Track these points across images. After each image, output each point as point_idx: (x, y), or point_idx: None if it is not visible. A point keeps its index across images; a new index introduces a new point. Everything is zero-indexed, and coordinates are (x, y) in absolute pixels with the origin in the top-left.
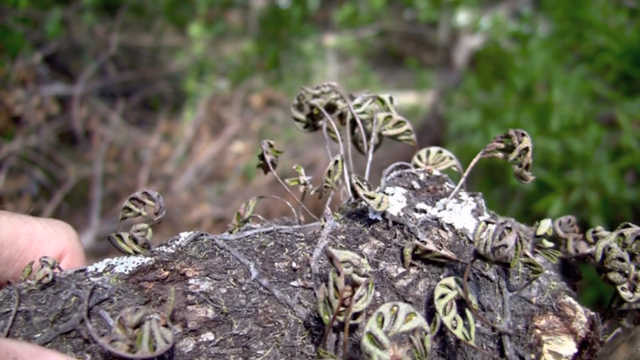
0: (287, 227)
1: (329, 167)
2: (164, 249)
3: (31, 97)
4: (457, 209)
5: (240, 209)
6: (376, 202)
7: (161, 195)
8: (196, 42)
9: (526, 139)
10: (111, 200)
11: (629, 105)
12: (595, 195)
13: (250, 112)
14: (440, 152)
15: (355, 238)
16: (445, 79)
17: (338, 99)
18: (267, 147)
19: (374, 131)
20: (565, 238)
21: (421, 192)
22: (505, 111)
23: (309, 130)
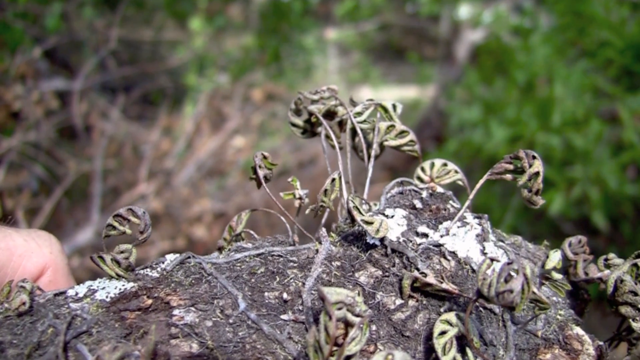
0: (279, 248)
1: (325, 186)
2: (149, 272)
3: (31, 92)
4: (461, 233)
5: (233, 222)
6: (374, 227)
7: (146, 211)
8: (196, 36)
9: (537, 163)
10: (112, 195)
11: (631, 100)
12: (597, 191)
13: (250, 106)
14: (445, 165)
15: (351, 264)
16: (446, 73)
17: (338, 105)
18: (260, 160)
19: (375, 141)
20: (575, 260)
21: (423, 212)
22: (506, 106)
23: (307, 136)
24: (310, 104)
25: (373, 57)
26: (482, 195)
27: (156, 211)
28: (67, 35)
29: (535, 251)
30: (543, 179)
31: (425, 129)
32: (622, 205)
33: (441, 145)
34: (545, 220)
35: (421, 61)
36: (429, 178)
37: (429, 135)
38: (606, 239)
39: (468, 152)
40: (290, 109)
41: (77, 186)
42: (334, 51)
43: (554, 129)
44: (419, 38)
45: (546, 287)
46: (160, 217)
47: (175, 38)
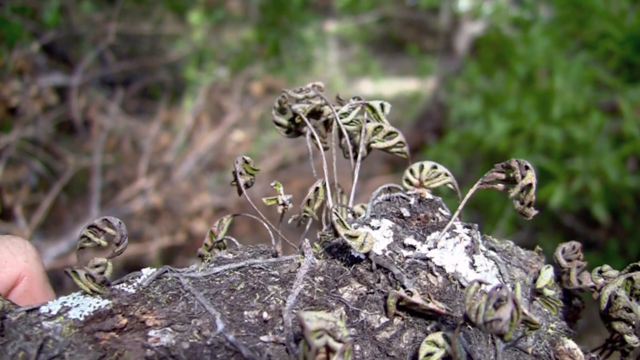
0: (260, 260)
1: (308, 196)
2: (124, 288)
3: (28, 87)
4: (449, 246)
5: (214, 227)
6: (359, 242)
7: (122, 222)
8: (196, 30)
9: (530, 174)
10: (111, 190)
11: (631, 92)
12: (597, 183)
13: (250, 100)
14: (435, 168)
15: (335, 279)
16: (446, 65)
17: (323, 105)
18: (241, 166)
19: (362, 143)
20: (569, 268)
21: (411, 220)
22: (506, 98)
23: (291, 135)
24: (294, 103)
25: (373, 50)
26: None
27: (156, 206)
28: (65, 30)
29: (527, 258)
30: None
31: (425, 122)
32: (622, 198)
33: (441, 138)
34: (546, 212)
35: (421, 53)
36: (418, 181)
37: (429, 128)
38: (607, 231)
39: (468, 145)
40: (274, 108)
41: (76, 181)
42: (333, 44)
43: (554, 122)
44: (419, 30)
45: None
46: (160, 212)
47: (175, 32)
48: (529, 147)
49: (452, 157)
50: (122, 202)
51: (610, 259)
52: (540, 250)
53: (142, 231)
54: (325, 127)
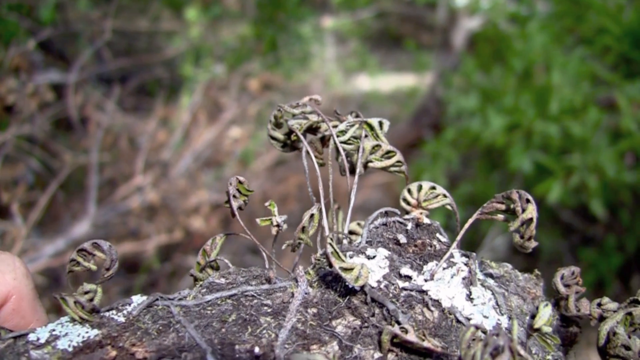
0: (253, 287)
1: (303, 223)
2: (114, 316)
3: (25, 85)
4: (446, 277)
5: (207, 246)
6: (354, 275)
7: (113, 246)
8: (192, 26)
9: (531, 207)
10: (108, 187)
11: (629, 87)
12: (595, 179)
13: (247, 96)
14: (434, 189)
15: (328, 311)
16: (443, 60)
17: (320, 121)
18: (235, 188)
19: (359, 162)
20: (567, 294)
21: (408, 247)
22: (504, 94)
23: (287, 150)
24: (291, 118)
25: (370, 45)
26: (481, 184)
27: (153, 203)
28: (62, 27)
29: (525, 284)
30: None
31: (422, 117)
32: (620, 193)
33: (439, 133)
34: (544, 208)
35: (419, 48)
36: (416, 201)
37: (426, 123)
38: (604, 226)
39: (466, 140)
40: (270, 122)
41: (74, 178)
42: (331, 40)
43: (551, 117)
44: (417, 26)
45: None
46: (157, 209)
47: (172, 28)
48: (526, 143)
49: (450, 153)
50: (119, 200)
51: (608, 255)
52: (538, 274)
53: (140, 228)
54: (322, 143)
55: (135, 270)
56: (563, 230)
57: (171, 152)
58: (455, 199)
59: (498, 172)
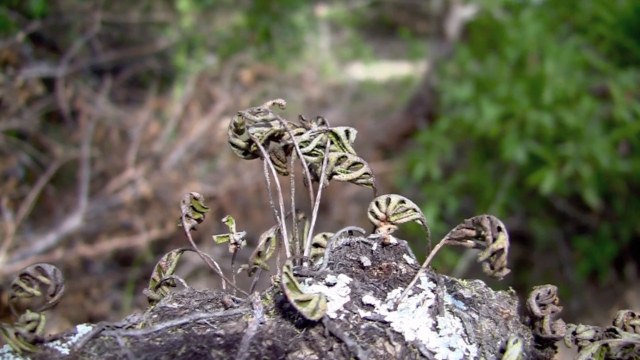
0: (207, 314)
1: (259, 248)
2: (58, 347)
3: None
4: (411, 306)
5: (162, 262)
6: (310, 308)
7: (58, 270)
8: (185, 16)
9: (502, 237)
10: (100, 181)
11: (622, 76)
12: (589, 168)
13: (239, 87)
14: (403, 203)
15: (284, 343)
16: (438, 49)
17: (282, 130)
18: (188, 207)
19: (323, 174)
20: (542, 316)
21: (372, 271)
22: (497, 84)
23: (249, 157)
24: (252, 125)
25: (365, 34)
26: (475, 174)
27: (145, 196)
28: (53, 18)
29: (498, 304)
30: (508, 255)
31: (417, 107)
32: (614, 182)
33: (433, 123)
34: (538, 197)
35: (413, 37)
36: (384, 215)
37: (420, 113)
38: (599, 215)
39: (460, 130)
40: (230, 128)
41: (66, 171)
42: (325, 29)
43: (545, 107)
44: (411, 14)
45: None
46: (150, 202)
47: (164, 19)
48: (520, 133)
49: (444, 143)
50: (111, 193)
51: (602, 243)
52: (512, 292)
53: (132, 221)
54: (284, 152)
55: (129, 264)
56: (558, 219)
57: (163, 144)
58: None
59: (492, 161)
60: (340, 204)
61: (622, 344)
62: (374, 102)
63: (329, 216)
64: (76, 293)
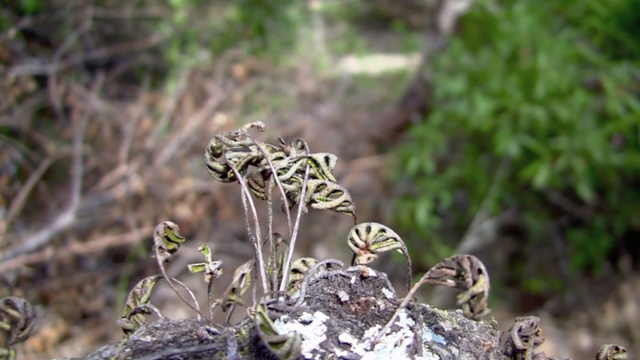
0: (180, 350)
1: (233, 284)
2: None
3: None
4: (389, 345)
5: (137, 289)
6: (284, 350)
7: (28, 303)
8: (178, 11)
9: (482, 280)
10: (93, 177)
11: (615, 69)
12: (582, 162)
13: (233, 82)
14: (383, 232)
15: None
16: (431, 42)
17: (260, 157)
18: (161, 239)
19: (302, 203)
20: (524, 349)
21: (350, 306)
22: (490, 77)
23: (227, 181)
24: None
25: (359, 28)
26: (469, 168)
27: (138, 192)
28: (46, 14)
29: (479, 336)
30: (488, 299)
31: (410, 101)
32: (607, 175)
33: (426, 117)
34: (532, 191)
35: (408, 30)
36: (364, 243)
37: (414, 106)
38: (593, 208)
39: (453, 124)
40: (208, 151)
41: (59, 168)
42: (319, 22)
43: (538, 101)
44: (406, 6)
45: None
46: (143, 198)
47: (157, 14)
48: (513, 127)
49: (437, 137)
50: (104, 189)
51: (597, 236)
52: (494, 322)
53: (125, 218)
54: (262, 177)
55: (122, 260)
56: (552, 213)
57: (156, 140)
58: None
59: (485, 155)
60: None
61: None
62: (367, 96)
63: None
64: (69, 290)
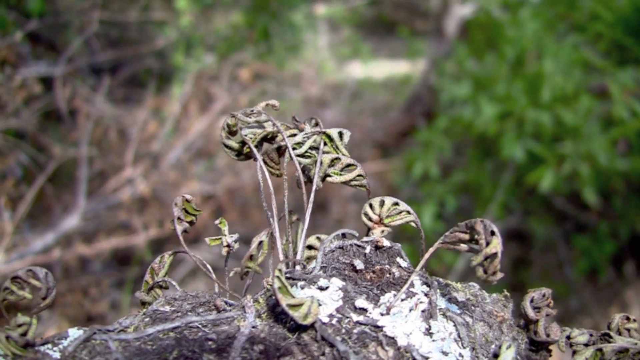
0: (198, 318)
1: (251, 251)
2: (49, 352)
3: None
4: (404, 310)
5: (155, 264)
6: (302, 313)
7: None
8: (183, 15)
9: (495, 242)
10: (99, 180)
11: (621, 74)
12: (587, 167)
13: (238, 86)
14: (397, 205)
15: (276, 348)
16: (436, 47)
17: (275, 132)
18: (180, 210)
19: (317, 177)
20: (537, 319)
21: (365, 274)
22: (496, 82)
23: (242, 159)
24: (245, 127)
25: (363, 33)
26: (474, 172)
27: (144, 195)
28: (51, 17)
29: (492, 307)
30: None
31: (415, 105)
32: (612, 180)
33: (432, 121)
34: (536, 196)
35: (412, 36)
36: (378, 217)
37: (419, 111)
38: (598, 213)
39: (458, 129)
40: (223, 129)
41: (64, 170)
42: (323, 27)
43: (543, 105)
44: (410, 12)
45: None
46: (148, 201)
47: (162, 18)
48: (518, 131)
49: (442, 141)
50: (110, 192)
51: (601, 242)
52: (507, 295)
53: (130, 220)
54: (277, 154)
55: (127, 263)
56: (556, 217)
57: (162, 143)
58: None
59: (491, 160)
60: (339, 202)
61: (616, 348)
62: (372, 101)
63: (328, 215)
64: (75, 292)
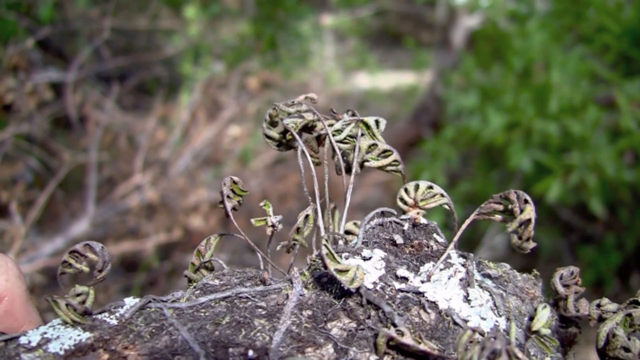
0: (247, 289)
1: (298, 224)
2: (107, 319)
3: (23, 84)
4: (443, 278)
5: (201, 246)
6: (349, 277)
7: (105, 247)
8: (191, 24)
9: (529, 208)
10: (107, 186)
11: (628, 86)
12: (594, 177)
13: (246, 95)
14: (431, 188)
15: (324, 313)
16: (443, 58)
17: (316, 120)
18: (229, 189)
19: (355, 162)
20: (566, 295)
21: (405, 248)
22: (503, 92)
23: (283, 149)
24: (286, 116)
25: (369, 43)
26: (480, 183)
27: (152, 201)
28: (61, 25)
29: (523, 284)
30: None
31: (422, 116)
32: (619, 192)
33: (438, 132)
34: (543, 206)
35: (418, 46)
36: (413, 201)
37: (426, 121)
38: (604, 224)
39: (465, 139)
40: (265, 120)
41: (73, 177)
42: (330, 38)
43: (551, 116)
44: (416, 23)
45: (532, 342)
46: (156, 208)
47: (171, 26)
48: (525, 142)
49: (449, 152)
50: (118, 198)
51: (608, 253)
52: (537, 274)
53: (139, 227)
54: (317, 142)
55: (135, 269)
56: (562, 229)
57: (170, 151)
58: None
59: (497, 170)
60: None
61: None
62: (378, 111)
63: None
64: None
